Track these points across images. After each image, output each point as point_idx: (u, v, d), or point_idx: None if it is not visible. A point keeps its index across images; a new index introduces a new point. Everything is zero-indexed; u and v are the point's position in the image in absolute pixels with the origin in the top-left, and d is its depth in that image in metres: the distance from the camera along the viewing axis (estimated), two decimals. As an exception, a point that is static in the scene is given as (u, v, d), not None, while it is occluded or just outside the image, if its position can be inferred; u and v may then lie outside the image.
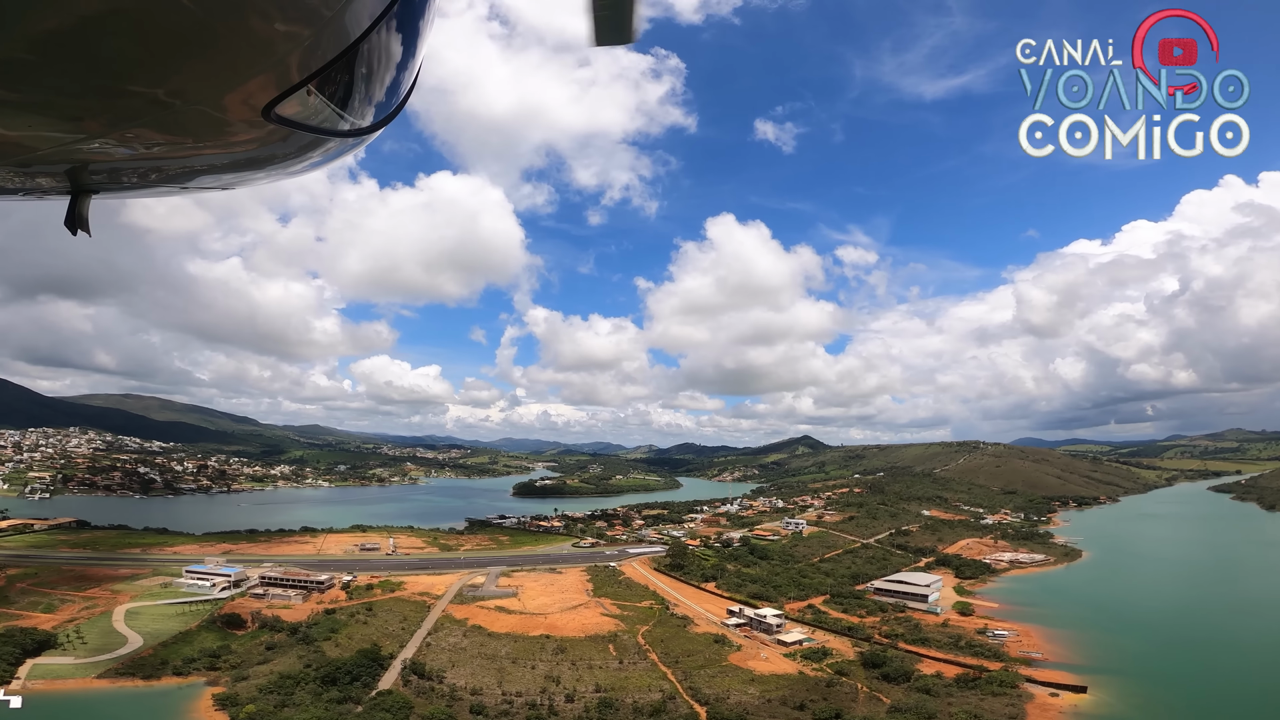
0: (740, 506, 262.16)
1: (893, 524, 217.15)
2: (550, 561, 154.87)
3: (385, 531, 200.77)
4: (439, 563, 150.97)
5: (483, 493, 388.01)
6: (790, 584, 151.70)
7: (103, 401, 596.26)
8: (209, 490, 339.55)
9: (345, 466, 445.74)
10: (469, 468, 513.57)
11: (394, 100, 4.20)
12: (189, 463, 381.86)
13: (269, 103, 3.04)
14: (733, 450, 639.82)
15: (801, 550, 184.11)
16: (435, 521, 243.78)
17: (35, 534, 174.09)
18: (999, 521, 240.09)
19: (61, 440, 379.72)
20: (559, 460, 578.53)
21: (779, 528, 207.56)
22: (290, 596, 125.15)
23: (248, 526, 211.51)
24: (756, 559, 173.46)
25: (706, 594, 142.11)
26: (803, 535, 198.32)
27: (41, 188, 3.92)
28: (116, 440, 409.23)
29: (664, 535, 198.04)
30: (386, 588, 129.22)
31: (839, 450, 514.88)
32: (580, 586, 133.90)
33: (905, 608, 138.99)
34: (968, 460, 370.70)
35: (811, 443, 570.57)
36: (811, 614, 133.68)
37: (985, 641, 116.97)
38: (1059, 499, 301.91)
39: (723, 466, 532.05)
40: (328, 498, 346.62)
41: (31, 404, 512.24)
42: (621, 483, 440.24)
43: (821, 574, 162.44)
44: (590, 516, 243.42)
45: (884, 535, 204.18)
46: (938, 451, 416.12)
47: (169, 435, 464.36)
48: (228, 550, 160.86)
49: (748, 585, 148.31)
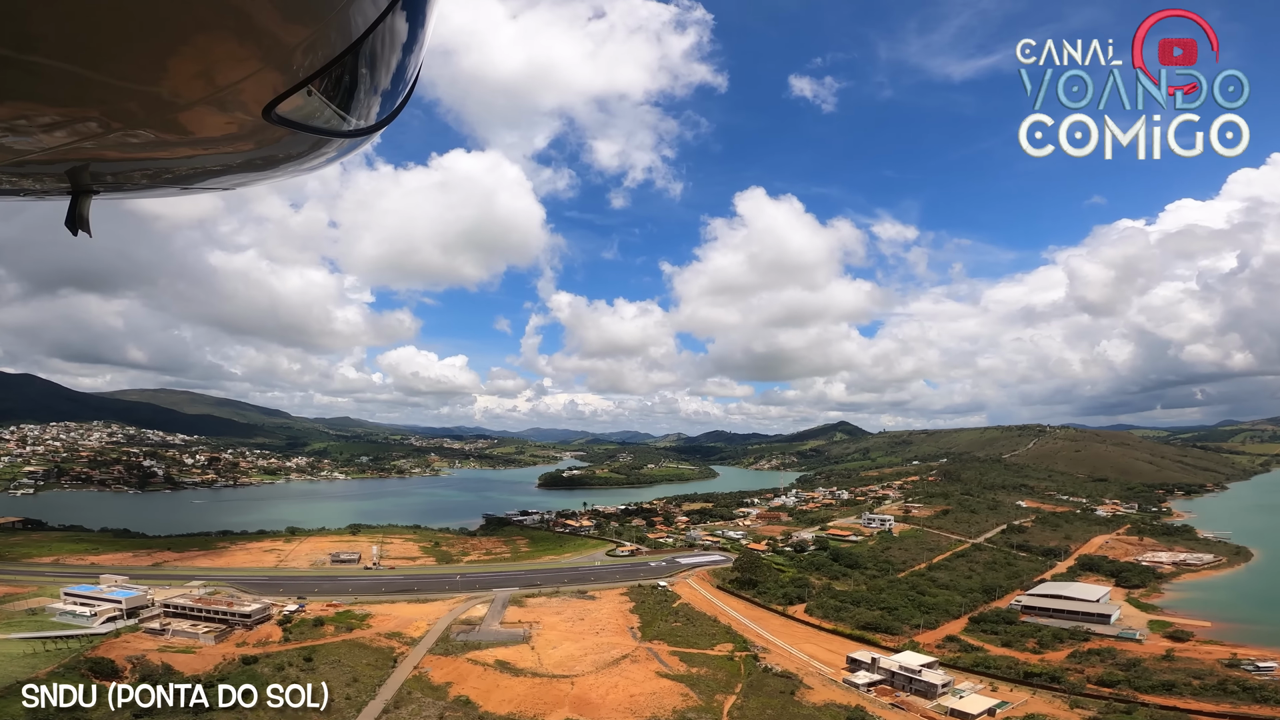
0: (797, 499, 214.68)
1: (997, 518, 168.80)
2: (579, 579, 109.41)
3: (380, 534, 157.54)
4: (430, 582, 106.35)
5: (506, 485, 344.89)
6: (908, 604, 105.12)
7: (136, 396, 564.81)
8: (213, 485, 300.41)
9: (367, 458, 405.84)
10: (495, 458, 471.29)
11: (395, 99, 3.95)
12: (201, 455, 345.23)
13: (269, 103, 2.90)
14: (764, 438, 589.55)
15: (897, 554, 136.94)
16: (448, 519, 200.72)
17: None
18: (1113, 513, 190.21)
19: (81, 434, 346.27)
20: (586, 449, 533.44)
21: (859, 525, 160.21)
22: (200, 634, 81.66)
23: (221, 528, 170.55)
24: (845, 568, 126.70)
25: (799, 624, 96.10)
26: (893, 534, 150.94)
27: (41, 188, 3.74)
28: (138, 433, 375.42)
29: (719, 537, 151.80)
30: (344, 623, 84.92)
31: (881, 436, 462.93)
32: (621, 621, 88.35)
33: (1088, 634, 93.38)
34: (1038, 445, 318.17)
35: (849, 429, 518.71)
36: (959, 649, 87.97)
37: (1247, 678, 74.28)
38: (1160, 486, 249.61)
39: (757, 454, 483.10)
40: (339, 492, 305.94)
41: (61, 399, 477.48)
42: (653, 472, 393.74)
43: (940, 588, 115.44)
44: (624, 512, 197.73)
45: (994, 533, 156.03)
46: (996, 436, 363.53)
47: (196, 429, 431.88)
48: (161, 561, 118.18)
49: (850, 609, 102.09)
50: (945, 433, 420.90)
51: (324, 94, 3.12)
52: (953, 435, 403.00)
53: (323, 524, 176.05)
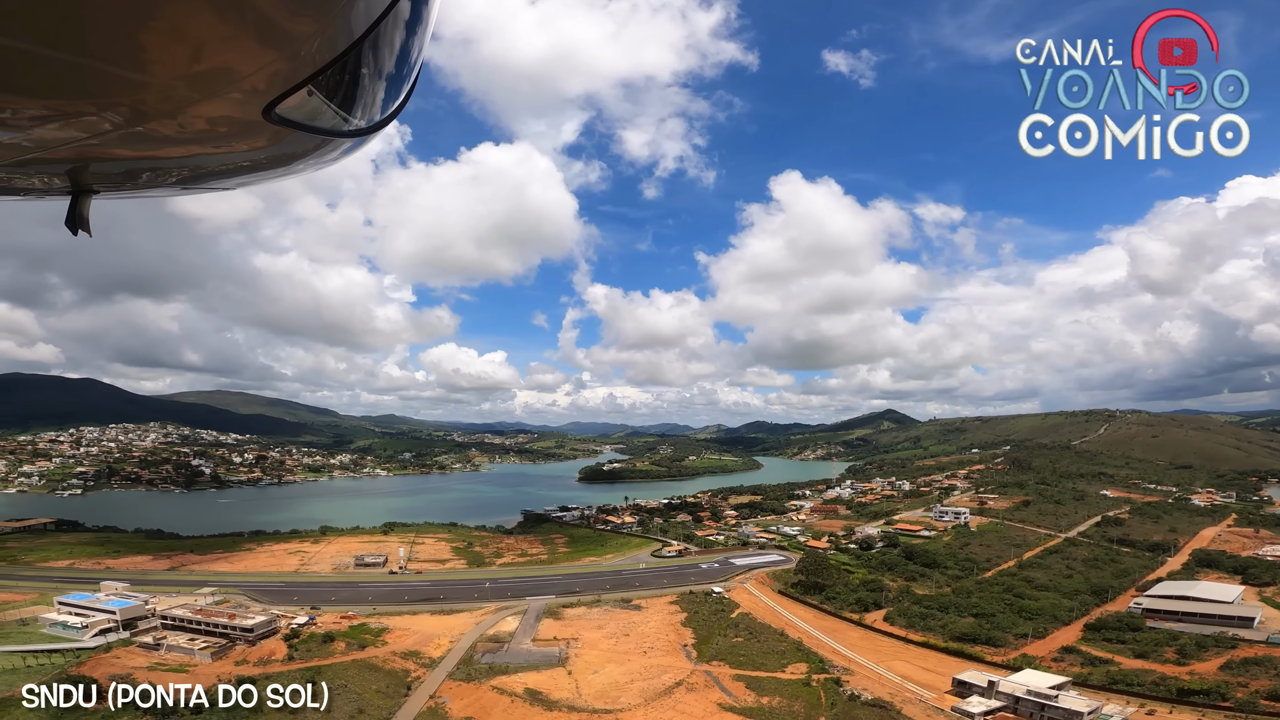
0: (854, 490, 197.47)
1: (1085, 509, 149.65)
2: (622, 584, 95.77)
3: (413, 533, 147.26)
4: (458, 588, 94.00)
5: (545, 479, 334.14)
6: (1005, 610, 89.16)
7: (193, 398, 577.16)
8: (258, 483, 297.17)
9: (410, 454, 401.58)
10: (535, 452, 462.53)
11: (395, 100, 3.85)
12: (249, 454, 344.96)
13: (269, 103, 2.88)
14: (806, 428, 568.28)
15: (979, 551, 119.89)
16: (486, 515, 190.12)
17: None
18: (1210, 503, 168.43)
19: (138, 435, 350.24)
20: (626, 442, 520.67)
21: (929, 519, 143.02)
22: (196, 650, 70.79)
23: (255, 527, 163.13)
24: (921, 567, 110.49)
25: (880, 636, 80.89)
26: (970, 528, 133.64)
27: (42, 187, 3.66)
28: (192, 433, 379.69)
29: (774, 534, 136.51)
30: (357, 639, 73.13)
31: (932, 424, 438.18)
32: (673, 637, 74.48)
33: (1234, 640, 76.54)
34: (1110, 431, 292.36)
35: (897, 417, 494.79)
36: (1082, 662, 73.16)
37: None
38: (1253, 474, 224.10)
39: (801, 444, 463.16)
40: (379, 488, 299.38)
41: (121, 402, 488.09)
42: (695, 464, 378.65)
43: (1037, 589, 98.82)
44: (668, 507, 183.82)
45: (1085, 526, 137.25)
46: (1059, 422, 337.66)
47: (248, 428, 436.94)
48: (179, 564, 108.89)
49: (936, 615, 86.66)
50: (1001, 419, 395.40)
51: (324, 94, 3.04)
52: (1010, 422, 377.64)
53: (357, 522, 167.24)
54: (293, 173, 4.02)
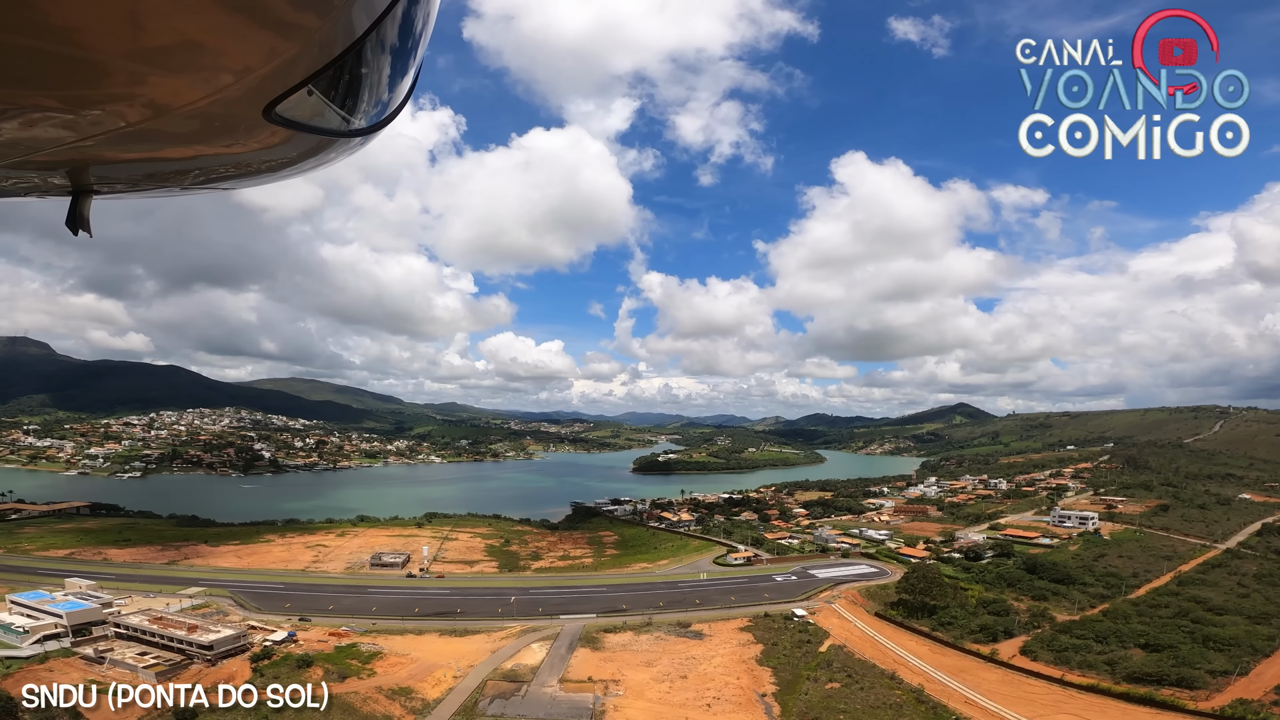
0: (940, 489, 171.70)
1: (1238, 516, 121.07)
2: (679, 601, 75.79)
3: (450, 525, 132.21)
4: (481, 600, 76.07)
5: (599, 469, 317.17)
6: (1185, 640, 65.74)
7: (269, 385, 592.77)
8: (313, 468, 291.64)
9: (466, 442, 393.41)
10: (590, 441, 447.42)
11: (394, 100, 3.75)
12: (311, 439, 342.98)
13: (269, 103, 2.85)
14: (870, 421, 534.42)
15: (1120, 564, 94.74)
16: (533, 506, 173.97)
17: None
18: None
19: (212, 420, 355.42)
20: (682, 433, 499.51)
21: (1046, 524, 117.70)
22: (141, 669, 55.16)
23: (287, 516, 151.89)
24: (1051, 584, 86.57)
25: (1025, 677, 58.85)
26: (1101, 536, 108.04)
27: (42, 187, 3.54)
28: (264, 419, 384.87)
29: (857, 538, 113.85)
30: (340, 665, 56.08)
31: (1011, 419, 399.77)
32: (746, 682, 54.19)
33: None
34: (1226, 429, 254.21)
35: (969, 411, 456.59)
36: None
37: None
38: None
39: (865, 438, 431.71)
40: (430, 475, 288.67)
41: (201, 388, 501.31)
42: (754, 456, 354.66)
43: (1211, 611, 74.34)
44: (728, 502, 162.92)
45: (1244, 535, 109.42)
46: (1163, 419, 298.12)
47: (317, 414, 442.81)
48: (182, 557, 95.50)
49: (1093, 647, 64.03)
50: (1092, 415, 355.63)
51: (324, 94, 2.98)
52: (1103, 418, 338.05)
53: (396, 512, 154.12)
54: (294, 173, 3.83)
